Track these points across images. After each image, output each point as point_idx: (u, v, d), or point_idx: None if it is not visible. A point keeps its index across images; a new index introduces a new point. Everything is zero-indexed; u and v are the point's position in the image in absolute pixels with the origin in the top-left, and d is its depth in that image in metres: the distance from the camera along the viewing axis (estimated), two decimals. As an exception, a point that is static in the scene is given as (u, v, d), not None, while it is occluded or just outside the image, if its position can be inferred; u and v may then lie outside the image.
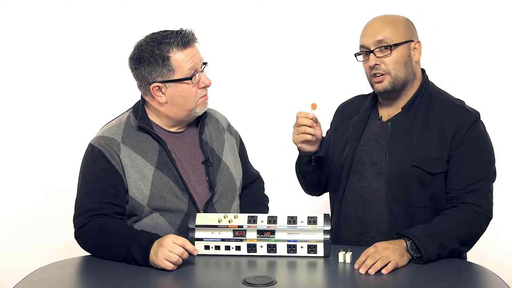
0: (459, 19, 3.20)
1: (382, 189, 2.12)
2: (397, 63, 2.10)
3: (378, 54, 2.10)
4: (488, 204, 2.06)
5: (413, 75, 2.15)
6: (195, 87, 2.06)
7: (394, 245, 1.90)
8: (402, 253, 1.89)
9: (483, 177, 2.06)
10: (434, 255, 1.92)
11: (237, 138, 2.32)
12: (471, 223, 2.01)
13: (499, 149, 2.19)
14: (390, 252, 1.87)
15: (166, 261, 1.83)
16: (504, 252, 3.11)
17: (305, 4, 3.34)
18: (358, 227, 2.17)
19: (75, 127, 3.23)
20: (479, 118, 2.11)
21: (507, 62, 3.18)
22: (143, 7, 3.31)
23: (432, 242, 1.91)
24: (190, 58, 2.04)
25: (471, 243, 2.05)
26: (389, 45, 2.09)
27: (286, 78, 3.35)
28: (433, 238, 1.92)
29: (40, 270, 1.92)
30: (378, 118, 2.21)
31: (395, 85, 2.12)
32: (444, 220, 2.01)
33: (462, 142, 2.06)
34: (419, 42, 2.15)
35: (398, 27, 2.11)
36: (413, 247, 1.91)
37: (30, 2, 3.26)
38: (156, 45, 2.02)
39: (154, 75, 2.04)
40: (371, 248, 1.89)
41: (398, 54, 2.10)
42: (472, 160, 2.05)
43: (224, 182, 2.17)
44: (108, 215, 2.01)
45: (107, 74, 3.23)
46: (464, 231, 1.99)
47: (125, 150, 2.06)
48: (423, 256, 1.90)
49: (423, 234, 1.93)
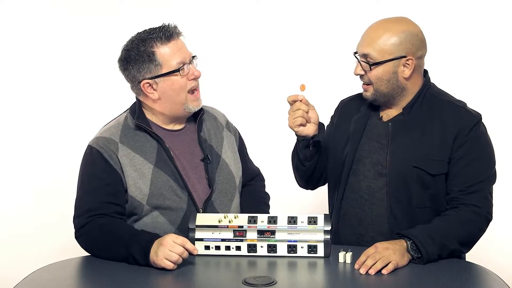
0: (461, 20, 3.20)
1: (383, 190, 2.12)
2: (378, 79, 2.11)
3: (363, 66, 2.12)
4: (488, 205, 2.06)
5: (400, 89, 2.12)
6: (184, 78, 2.07)
7: (395, 245, 1.90)
8: (402, 253, 1.89)
9: (484, 178, 2.05)
10: (435, 255, 1.92)
11: (236, 135, 2.32)
12: (471, 224, 2.01)
13: (499, 150, 2.19)
14: (391, 252, 1.87)
15: (166, 260, 1.83)
16: (504, 252, 3.11)
17: (305, 3, 3.35)
18: (358, 227, 2.17)
19: (74, 128, 3.24)
20: (481, 120, 2.11)
21: (509, 64, 3.18)
22: (143, 7, 3.31)
23: (433, 243, 1.91)
24: (175, 51, 2.05)
25: (470, 243, 2.05)
26: (369, 62, 2.09)
27: (286, 75, 3.35)
28: (433, 239, 1.92)
29: (40, 270, 1.92)
30: (378, 118, 2.21)
31: (377, 97, 2.13)
32: (445, 220, 2.01)
33: (464, 144, 2.05)
34: (412, 59, 2.08)
35: (388, 42, 2.07)
36: (414, 248, 1.91)
37: (30, 2, 3.26)
38: (141, 43, 2.04)
39: (143, 72, 2.05)
40: (372, 248, 1.89)
41: (380, 71, 2.09)
42: (473, 162, 2.05)
43: (223, 180, 2.17)
44: (108, 215, 2.01)
45: (106, 76, 3.22)
46: (463, 232, 1.99)
47: (123, 149, 2.07)
48: (423, 257, 1.90)
49: (423, 234, 1.93)
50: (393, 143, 2.12)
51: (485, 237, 2.08)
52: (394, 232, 2.01)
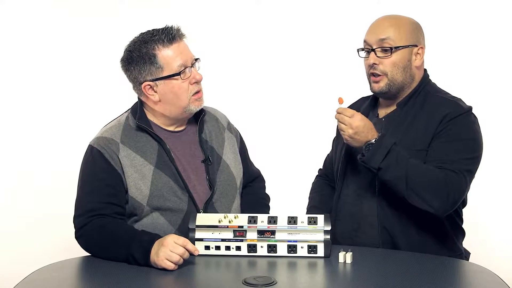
0: (461, 20, 3.21)
1: (373, 183, 2.13)
2: (395, 66, 2.10)
3: (378, 53, 2.10)
4: (459, 181, 2.00)
5: (411, 79, 2.14)
6: (186, 82, 2.06)
7: (365, 134, 2.02)
8: (361, 140, 2.03)
9: (461, 159, 2.01)
10: (375, 166, 2.01)
11: (237, 136, 2.32)
12: (433, 176, 1.98)
13: (499, 149, 2.19)
14: (357, 131, 2.02)
15: (167, 261, 1.83)
16: (504, 252, 3.11)
17: (305, 3, 3.35)
18: (351, 222, 2.19)
19: (75, 128, 3.24)
20: (469, 112, 2.09)
21: (509, 64, 3.18)
22: (143, 7, 3.32)
23: (383, 159, 1.99)
24: (177, 54, 2.04)
25: (416, 190, 1.99)
26: (390, 47, 2.09)
27: (286, 76, 3.35)
28: (390, 159, 1.99)
29: (40, 270, 1.92)
30: (375, 115, 2.22)
31: (391, 87, 2.13)
32: (419, 162, 2.02)
33: (444, 128, 2.04)
34: (423, 48, 2.13)
35: (403, 29, 2.10)
36: (367, 149, 2.01)
37: (30, 2, 3.27)
38: (143, 44, 2.04)
39: (144, 74, 2.05)
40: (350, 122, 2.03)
41: (398, 57, 2.10)
42: (452, 142, 2.03)
43: (224, 181, 2.17)
44: (108, 215, 2.01)
45: (107, 76, 3.23)
46: (421, 176, 1.99)
47: (124, 150, 2.06)
48: (364, 160, 2.03)
49: (389, 148, 2.00)
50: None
51: (485, 237, 2.09)
52: (384, 227, 2.03)
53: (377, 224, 2.12)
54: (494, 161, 2.74)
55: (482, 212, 2.93)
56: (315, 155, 2.63)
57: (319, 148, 2.61)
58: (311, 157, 2.76)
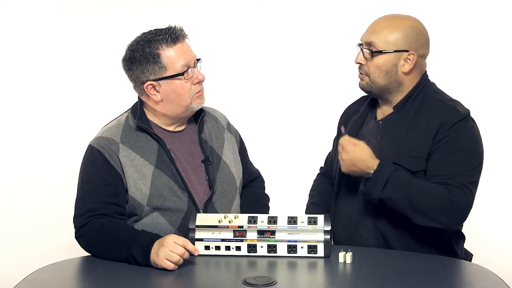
0: (462, 20, 3.21)
1: None
2: (378, 69, 2.11)
3: (365, 54, 2.11)
4: (462, 198, 1.99)
5: (397, 84, 2.12)
6: (189, 82, 2.07)
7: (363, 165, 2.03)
8: (360, 172, 2.05)
9: (462, 172, 2.01)
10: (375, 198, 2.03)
11: (237, 136, 2.32)
12: (437, 199, 1.99)
13: (499, 150, 2.19)
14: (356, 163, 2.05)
15: (167, 261, 1.83)
16: (504, 252, 3.11)
17: (305, 3, 3.35)
18: (348, 223, 2.18)
19: (75, 128, 3.24)
20: (467, 117, 2.07)
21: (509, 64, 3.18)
22: (143, 7, 3.32)
23: (382, 189, 2.00)
24: (181, 54, 2.04)
25: (424, 215, 2.00)
26: (373, 50, 2.09)
27: (286, 77, 3.35)
28: (387, 187, 2.00)
29: (40, 270, 1.92)
30: (373, 117, 2.22)
31: (372, 88, 2.13)
32: (419, 181, 2.02)
33: (443, 138, 2.03)
34: (414, 54, 2.09)
35: (395, 33, 2.08)
36: (366, 182, 2.03)
37: (30, 3, 3.27)
38: (146, 44, 2.03)
39: (147, 74, 2.04)
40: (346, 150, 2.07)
41: (380, 61, 2.10)
42: (451, 155, 2.02)
43: (224, 181, 2.17)
44: (108, 215, 2.01)
45: (107, 76, 3.23)
46: (424, 199, 1.99)
47: (124, 150, 2.07)
48: (365, 192, 2.05)
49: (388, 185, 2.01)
50: (381, 141, 2.12)
51: (485, 237, 2.08)
52: (379, 231, 2.04)
53: (372, 228, 2.11)
54: (494, 161, 2.75)
55: (482, 212, 2.93)
56: (315, 155, 2.63)
57: (319, 148, 2.61)
58: (311, 157, 2.76)
